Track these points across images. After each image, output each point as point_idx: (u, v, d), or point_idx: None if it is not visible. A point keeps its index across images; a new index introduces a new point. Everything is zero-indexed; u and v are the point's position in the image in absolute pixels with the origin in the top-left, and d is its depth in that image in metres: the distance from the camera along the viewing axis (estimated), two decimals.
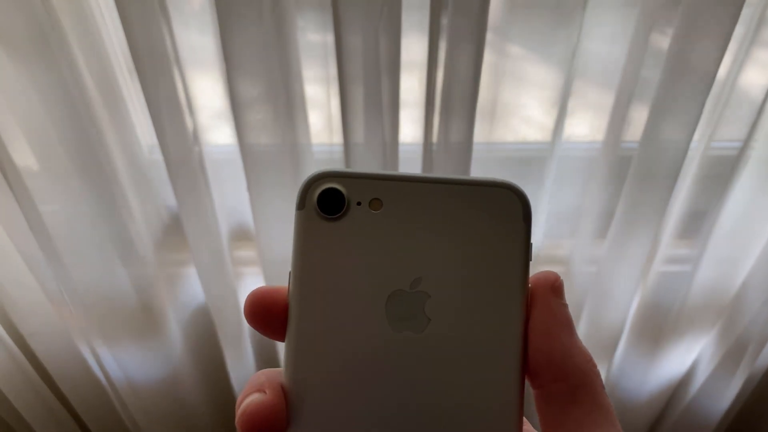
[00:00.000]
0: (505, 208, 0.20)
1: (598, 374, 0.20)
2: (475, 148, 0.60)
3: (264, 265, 0.68)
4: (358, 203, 0.20)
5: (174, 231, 0.72)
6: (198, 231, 0.64)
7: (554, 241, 0.71)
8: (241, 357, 0.77)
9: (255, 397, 0.19)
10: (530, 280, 0.20)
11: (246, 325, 0.75)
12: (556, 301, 0.20)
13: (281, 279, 0.59)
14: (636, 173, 0.58)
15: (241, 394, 0.20)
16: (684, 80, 0.52)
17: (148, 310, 0.71)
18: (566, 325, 0.20)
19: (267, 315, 0.20)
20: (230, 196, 0.67)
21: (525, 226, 0.20)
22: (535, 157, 0.63)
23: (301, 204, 0.20)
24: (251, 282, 0.74)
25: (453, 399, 0.20)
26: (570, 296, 0.70)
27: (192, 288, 0.75)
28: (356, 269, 0.20)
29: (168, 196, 0.71)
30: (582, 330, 0.72)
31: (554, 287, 0.20)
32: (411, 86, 0.59)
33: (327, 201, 0.20)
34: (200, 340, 0.80)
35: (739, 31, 0.55)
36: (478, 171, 0.63)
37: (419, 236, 0.20)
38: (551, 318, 0.20)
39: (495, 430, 0.19)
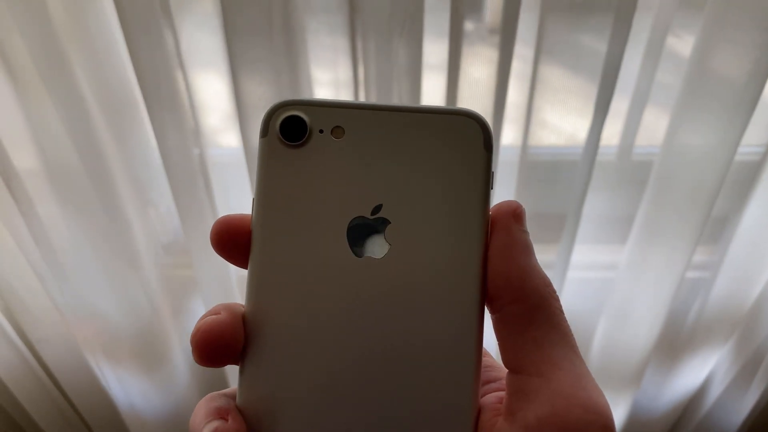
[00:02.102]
0: (466, 136, 0.20)
1: (556, 298, 0.20)
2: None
3: None
4: (321, 131, 0.20)
5: (180, 253, 0.71)
6: (201, 240, 0.63)
7: (571, 246, 0.70)
8: None
9: (210, 317, 0.20)
10: (492, 208, 0.21)
11: None
12: (516, 226, 0.20)
13: None
14: (655, 179, 0.58)
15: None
16: (705, 85, 0.51)
17: (151, 336, 0.70)
18: (525, 248, 0.20)
19: (232, 242, 0.21)
20: (234, 203, 0.66)
21: (485, 153, 0.20)
22: (552, 161, 0.62)
23: (264, 131, 0.20)
24: None
25: (412, 323, 0.20)
26: (586, 302, 0.69)
27: (197, 316, 0.74)
28: (318, 196, 0.20)
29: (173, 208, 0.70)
30: (600, 337, 0.70)
31: (515, 214, 0.20)
32: (433, 90, 0.58)
33: (289, 128, 0.20)
34: (206, 370, 0.79)
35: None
36: (497, 175, 0.62)
37: (380, 164, 0.20)
38: (510, 242, 0.20)
39: (454, 353, 0.20)
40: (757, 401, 0.72)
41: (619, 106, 0.58)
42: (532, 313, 0.19)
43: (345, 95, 0.60)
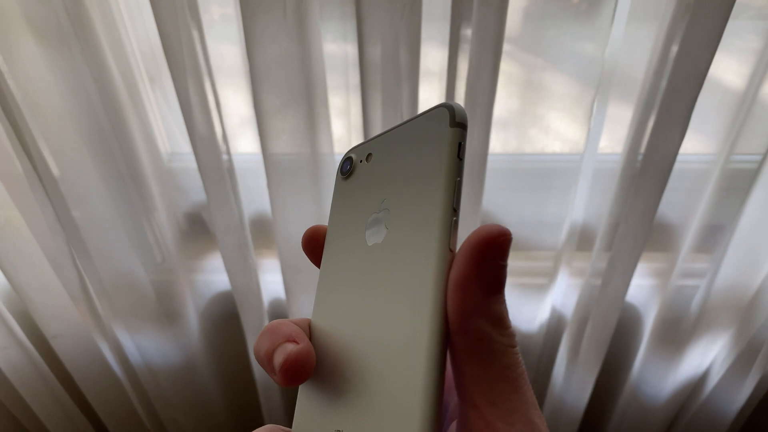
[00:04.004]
0: (436, 121, 0.22)
1: (506, 334, 0.20)
2: (493, 158, 0.60)
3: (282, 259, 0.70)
4: (361, 161, 0.26)
5: (195, 230, 0.74)
6: (224, 226, 0.66)
7: (572, 252, 0.72)
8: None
9: (294, 349, 0.21)
10: (472, 232, 0.20)
11: (266, 311, 0.78)
12: (480, 256, 0.19)
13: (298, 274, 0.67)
14: (649, 183, 0.59)
15: (266, 344, 0.22)
16: (690, 88, 0.52)
17: (168, 300, 0.74)
18: (483, 281, 0.19)
19: (313, 245, 0.27)
20: (254, 195, 0.69)
21: (450, 129, 0.21)
22: (553, 168, 0.63)
23: (337, 173, 0.27)
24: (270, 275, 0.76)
25: (388, 310, 0.21)
26: (583, 308, 0.71)
27: (209, 282, 0.78)
28: (353, 206, 0.25)
29: (188, 198, 0.73)
30: (586, 337, 0.73)
31: (491, 244, 0.19)
32: (430, 95, 0.59)
33: (344, 166, 0.27)
34: (216, 329, 0.84)
35: (758, 45, 0.56)
36: (496, 181, 0.63)
37: (389, 169, 0.24)
38: (466, 272, 0.19)
39: (410, 346, 0.20)
40: (755, 389, 0.75)
41: (624, 113, 0.60)
42: (472, 347, 0.19)
43: (354, 98, 0.61)
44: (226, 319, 0.83)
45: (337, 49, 0.57)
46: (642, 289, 0.73)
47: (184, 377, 0.83)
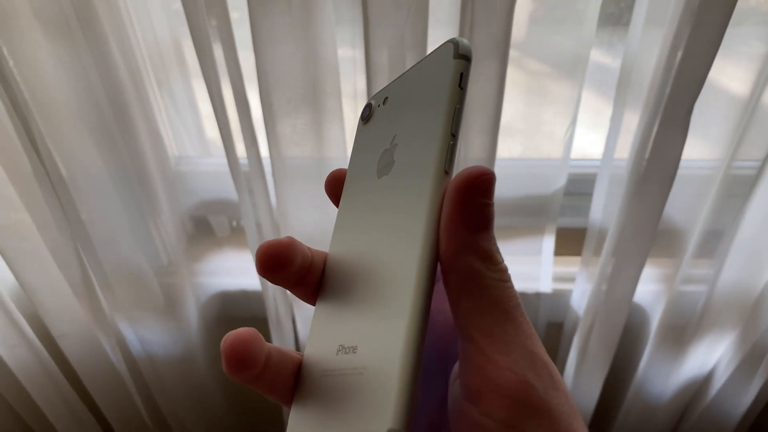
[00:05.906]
0: (443, 56, 0.23)
1: (496, 269, 0.20)
2: (497, 164, 0.61)
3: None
4: (379, 105, 0.27)
5: (200, 233, 0.76)
6: (255, 226, 0.68)
7: (575, 258, 0.72)
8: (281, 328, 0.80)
9: (274, 239, 0.23)
10: (459, 172, 0.20)
11: (288, 301, 0.78)
12: (467, 197, 0.20)
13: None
14: (653, 189, 0.59)
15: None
16: (708, 97, 0.52)
17: (170, 295, 0.75)
18: (468, 220, 0.20)
19: (334, 187, 0.27)
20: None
21: (455, 61, 0.22)
22: (556, 174, 0.63)
23: (359, 119, 0.29)
24: None
25: (392, 228, 0.22)
26: (591, 311, 0.71)
27: (210, 278, 0.80)
28: (369, 146, 0.26)
29: (195, 201, 0.73)
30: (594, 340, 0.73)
31: (473, 183, 0.20)
32: None
33: (364, 111, 0.28)
34: (216, 323, 0.85)
35: (763, 50, 0.56)
36: (498, 186, 0.63)
37: (401, 107, 0.25)
38: (457, 214, 0.20)
39: (399, 275, 0.21)
40: (760, 392, 0.75)
41: (630, 119, 0.60)
42: (464, 284, 0.20)
43: (361, 104, 0.62)
44: (227, 317, 0.84)
45: (343, 54, 0.58)
46: (647, 292, 0.74)
47: (185, 370, 0.84)
